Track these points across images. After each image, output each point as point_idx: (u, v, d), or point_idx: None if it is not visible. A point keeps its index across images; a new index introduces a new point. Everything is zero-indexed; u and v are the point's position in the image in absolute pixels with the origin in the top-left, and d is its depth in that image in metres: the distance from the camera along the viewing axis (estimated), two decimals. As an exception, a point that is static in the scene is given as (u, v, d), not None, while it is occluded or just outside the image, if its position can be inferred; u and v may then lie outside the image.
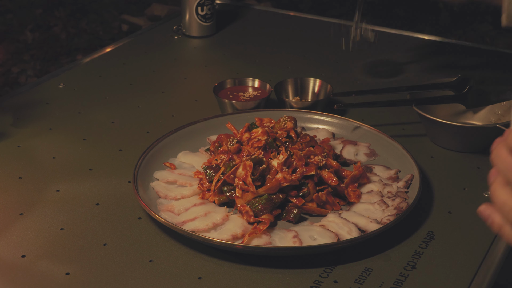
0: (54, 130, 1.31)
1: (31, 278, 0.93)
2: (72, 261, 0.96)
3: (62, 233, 1.02)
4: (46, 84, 1.50)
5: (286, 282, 0.92)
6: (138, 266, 0.95)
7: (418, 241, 1.00)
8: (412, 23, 3.69)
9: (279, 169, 1.05)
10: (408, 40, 1.75)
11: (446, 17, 3.71)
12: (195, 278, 0.93)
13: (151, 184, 1.11)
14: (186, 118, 1.30)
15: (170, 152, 1.19)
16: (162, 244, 1.00)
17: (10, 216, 1.05)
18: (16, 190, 1.12)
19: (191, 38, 1.74)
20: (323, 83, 1.38)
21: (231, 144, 1.12)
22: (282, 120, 1.19)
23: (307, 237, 0.99)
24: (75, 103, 1.41)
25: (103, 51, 1.68)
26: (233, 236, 0.98)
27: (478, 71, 1.32)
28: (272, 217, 1.01)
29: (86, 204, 1.09)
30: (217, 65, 1.64)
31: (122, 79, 1.53)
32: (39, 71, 3.26)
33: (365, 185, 1.10)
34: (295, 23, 1.86)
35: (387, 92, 1.30)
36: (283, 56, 1.66)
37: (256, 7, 2.00)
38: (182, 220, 1.02)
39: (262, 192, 1.03)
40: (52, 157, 1.22)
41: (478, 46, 1.70)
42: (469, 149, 1.22)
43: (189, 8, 1.71)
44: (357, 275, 0.94)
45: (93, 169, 1.18)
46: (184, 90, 1.51)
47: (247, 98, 1.36)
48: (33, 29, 3.63)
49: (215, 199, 1.07)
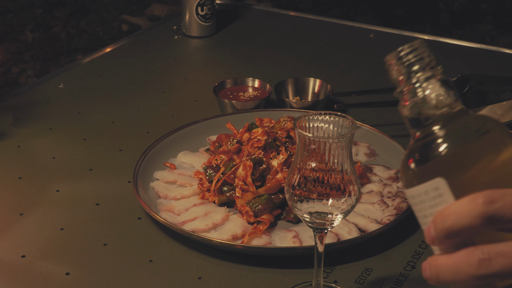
0: (54, 130, 1.31)
1: (31, 278, 0.93)
2: (72, 261, 0.96)
3: (62, 233, 1.02)
4: (46, 84, 1.50)
5: (286, 282, 0.92)
6: (138, 266, 0.95)
7: (418, 241, 1.00)
8: (412, 23, 3.69)
9: (279, 169, 1.05)
10: (408, 40, 1.74)
11: (446, 17, 3.71)
12: (195, 278, 0.93)
13: (151, 184, 1.11)
14: (186, 118, 1.30)
15: (170, 152, 1.19)
16: (162, 244, 1.00)
17: (10, 216, 1.05)
18: (16, 190, 1.12)
19: (191, 38, 1.74)
20: (323, 83, 1.38)
21: (231, 144, 1.12)
22: (282, 120, 1.19)
23: (307, 237, 0.99)
24: (75, 103, 1.41)
25: (103, 51, 1.68)
26: (233, 236, 0.98)
27: (478, 71, 1.32)
28: (272, 217, 1.01)
29: (86, 204, 1.09)
30: (217, 65, 1.64)
31: (122, 79, 1.53)
32: (39, 71, 3.26)
33: (365, 185, 1.10)
34: (295, 23, 1.86)
35: (387, 92, 1.30)
36: (283, 56, 1.66)
37: (256, 7, 2.00)
38: (182, 220, 1.02)
39: (262, 192, 1.03)
40: (52, 157, 1.22)
41: (478, 46, 1.70)
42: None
43: (189, 8, 1.71)
44: (357, 275, 0.94)
45: (93, 169, 1.18)
46: (184, 90, 1.51)
47: (247, 98, 1.36)
48: (33, 29, 3.63)
49: (215, 199, 1.07)
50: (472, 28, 3.62)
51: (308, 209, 0.78)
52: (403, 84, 0.59)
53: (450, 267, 0.53)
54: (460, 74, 1.28)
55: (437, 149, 0.55)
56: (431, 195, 0.55)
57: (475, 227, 0.51)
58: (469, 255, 0.52)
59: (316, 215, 0.79)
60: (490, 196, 0.51)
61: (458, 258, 0.52)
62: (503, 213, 0.50)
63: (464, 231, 0.52)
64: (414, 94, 0.58)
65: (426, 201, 0.55)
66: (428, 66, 0.58)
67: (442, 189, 0.54)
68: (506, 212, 0.50)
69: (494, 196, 0.51)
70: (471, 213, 0.51)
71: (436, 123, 0.56)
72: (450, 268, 0.53)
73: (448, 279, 0.53)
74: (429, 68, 0.58)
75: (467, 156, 0.54)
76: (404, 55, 0.59)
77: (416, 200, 0.57)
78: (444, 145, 0.55)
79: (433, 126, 0.56)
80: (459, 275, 0.52)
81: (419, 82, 0.58)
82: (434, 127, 0.56)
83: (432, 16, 3.75)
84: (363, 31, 1.80)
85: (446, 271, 0.53)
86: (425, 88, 0.57)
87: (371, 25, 1.83)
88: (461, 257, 0.52)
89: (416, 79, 0.58)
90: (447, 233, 0.52)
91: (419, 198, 0.56)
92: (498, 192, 0.51)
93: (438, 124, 0.56)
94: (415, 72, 0.58)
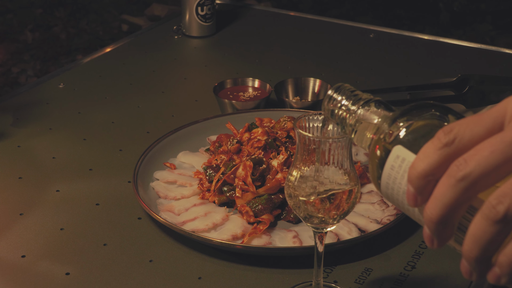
0: (54, 130, 1.31)
1: (31, 278, 0.93)
2: (72, 261, 0.96)
3: (62, 233, 1.02)
4: (46, 84, 1.50)
5: (286, 282, 0.92)
6: (138, 266, 0.95)
7: (418, 241, 1.00)
8: (412, 23, 3.69)
9: (279, 169, 1.05)
10: (408, 40, 1.75)
11: (446, 17, 3.71)
12: (195, 278, 0.93)
13: (151, 184, 1.11)
14: (186, 118, 1.31)
15: (170, 152, 1.19)
16: (162, 244, 1.00)
17: (10, 216, 1.05)
18: (16, 190, 1.12)
19: (191, 38, 1.74)
20: (323, 83, 1.38)
21: (231, 144, 1.12)
22: (282, 120, 1.19)
23: (307, 237, 0.99)
24: (75, 103, 1.41)
25: (103, 51, 1.68)
26: (233, 236, 0.98)
27: (478, 71, 1.32)
28: (272, 217, 1.01)
29: (86, 204, 1.09)
30: (217, 65, 1.64)
31: (122, 79, 1.53)
32: (39, 71, 3.26)
33: (365, 185, 1.10)
34: (295, 23, 1.86)
35: (387, 92, 1.30)
36: (283, 56, 1.66)
37: (256, 7, 2.00)
38: (182, 220, 1.02)
39: (262, 192, 1.03)
40: (52, 157, 1.22)
41: (478, 46, 1.70)
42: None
43: (189, 8, 1.71)
44: (357, 275, 0.94)
45: (93, 169, 1.18)
46: (184, 90, 1.51)
47: (247, 98, 1.36)
48: (33, 29, 3.63)
49: (215, 199, 1.07)
50: (472, 28, 3.62)
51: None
52: (348, 118, 0.70)
53: (435, 197, 0.54)
54: (460, 74, 1.28)
55: (389, 136, 0.62)
56: (396, 165, 0.60)
57: (443, 161, 0.54)
58: (446, 174, 0.54)
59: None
60: (445, 129, 0.55)
61: (439, 185, 0.54)
62: (461, 136, 0.54)
63: (436, 169, 0.54)
64: (356, 119, 0.70)
65: (396, 176, 0.60)
66: (357, 101, 0.70)
67: (402, 153, 0.60)
68: (463, 137, 0.54)
69: (447, 128, 0.55)
70: (436, 148, 0.54)
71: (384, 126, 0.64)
72: (436, 198, 0.54)
73: (440, 213, 0.54)
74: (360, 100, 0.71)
75: (411, 127, 0.61)
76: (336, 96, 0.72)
77: (390, 184, 0.61)
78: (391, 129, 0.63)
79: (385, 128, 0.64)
80: (445, 197, 0.53)
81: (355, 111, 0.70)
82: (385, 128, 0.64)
83: (432, 16, 3.75)
84: (363, 31, 1.79)
85: (434, 204, 0.54)
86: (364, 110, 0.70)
87: (371, 25, 1.83)
88: (441, 182, 0.54)
89: (356, 107, 0.70)
90: (422, 178, 0.55)
91: (390, 178, 0.61)
92: (450, 125, 0.55)
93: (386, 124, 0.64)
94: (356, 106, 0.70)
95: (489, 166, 0.52)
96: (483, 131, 0.54)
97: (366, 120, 0.68)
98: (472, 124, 0.54)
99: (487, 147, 0.52)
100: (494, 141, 0.52)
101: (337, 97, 0.71)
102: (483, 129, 0.54)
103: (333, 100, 0.71)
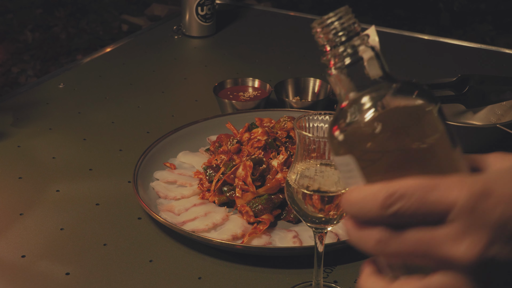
0: (54, 130, 1.31)
1: (31, 278, 0.93)
2: (72, 261, 0.96)
3: (62, 233, 1.02)
4: (46, 84, 1.50)
5: (286, 282, 0.92)
6: (138, 266, 0.95)
7: (418, 241, 1.00)
8: (412, 23, 3.69)
9: (279, 169, 1.05)
10: (408, 40, 1.75)
11: (446, 17, 3.71)
12: (195, 278, 0.93)
13: (151, 184, 1.11)
14: (186, 118, 1.31)
15: (170, 152, 1.19)
16: (162, 244, 1.00)
17: (10, 216, 1.05)
18: (16, 190, 1.12)
19: (191, 38, 1.74)
20: (323, 83, 1.38)
21: (231, 144, 1.12)
22: (282, 120, 1.19)
23: (307, 237, 0.99)
24: (75, 103, 1.41)
25: (103, 51, 1.68)
26: (233, 236, 0.98)
27: (478, 71, 1.32)
28: (272, 217, 1.01)
29: (86, 204, 1.09)
30: (217, 65, 1.64)
31: (122, 79, 1.53)
32: (39, 71, 3.26)
33: (365, 185, 1.10)
34: (295, 23, 1.86)
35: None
36: (283, 56, 1.66)
37: (256, 7, 2.00)
38: (182, 220, 1.02)
39: (262, 192, 1.03)
40: (52, 157, 1.22)
41: (478, 46, 1.70)
42: (469, 149, 1.22)
43: (189, 8, 1.71)
44: (357, 275, 0.94)
45: (93, 169, 1.18)
46: (184, 90, 1.51)
47: (247, 98, 1.36)
48: (33, 29, 3.63)
49: (215, 199, 1.07)
50: (472, 28, 3.62)
51: None
52: (331, 52, 0.56)
53: (356, 237, 0.55)
54: (460, 74, 1.28)
55: (353, 123, 0.52)
56: (345, 168, 0.52)
57: (376, 220, 0.51)
58: (370, 234, 0.53)
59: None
60: (390, 195, 0.49)
61: (363, 232, 0.53)
62: (404, 210, 0.49)
63: (369, 221, 0.52)
64: (342, 63, 0.55)
65: (344, 171, 0.53)
66: (355, 35, 0.57)
67: (352, 165, 0.51)
68: (405, 213, 0.49)
69: (392, 198, 0.49)
70: (372, 209, 0.50)
71: (362, 94, 0.53)
72: (356, 237, 0.55)
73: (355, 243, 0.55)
74: (357, 37, 0.57)
75: (378, 134, 0.50)
76: (331, 23, 0.57)
77: (340, 168, 0.54)
78: (359, 120, 0.51)
79: (358, 97, 0.53)
80: (362, 245, 0.55)
81: (346, 50, 0.55)
82: (358, 97, 0.52)
83: (432, 16, 3.75)
84: (363, 31, 1.79)
85: (353, 237, 0.55)
86: (352, 56, 0.56)
87: (371, 25, 1.83)
88: (365, 233, 0.53)
89: (343, 48, 0.55)
90: (353, 217, 0.53)
91: (341, 167, 0.53)
92: (398, 193, 0.49)
93: (364, 95, 0.52)
94: (343, 42, 0.56)
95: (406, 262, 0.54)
96: (424, 216, 0.49)
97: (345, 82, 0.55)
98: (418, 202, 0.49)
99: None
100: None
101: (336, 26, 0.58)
102: (426, 211, 0.49)
103: (332, 29, 0.58)
